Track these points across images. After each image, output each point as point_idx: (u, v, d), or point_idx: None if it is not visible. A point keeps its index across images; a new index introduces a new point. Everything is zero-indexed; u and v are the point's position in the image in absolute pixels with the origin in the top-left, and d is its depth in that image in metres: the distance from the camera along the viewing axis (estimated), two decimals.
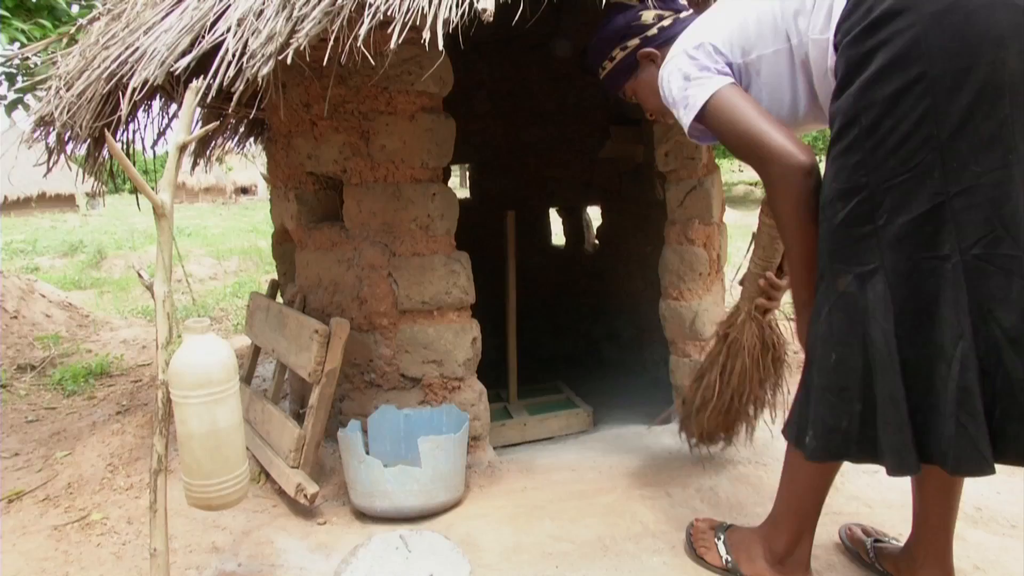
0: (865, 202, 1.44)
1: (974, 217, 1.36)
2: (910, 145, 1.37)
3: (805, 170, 1.54)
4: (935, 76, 1.34)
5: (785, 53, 1.64)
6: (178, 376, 1.69)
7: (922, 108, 1.35)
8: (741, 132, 1.63)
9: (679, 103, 1.75)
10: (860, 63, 1.41)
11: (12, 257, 12.14)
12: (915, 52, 1.35)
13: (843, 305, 1.49)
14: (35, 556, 2.23)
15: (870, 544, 2.01)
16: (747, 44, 1.70)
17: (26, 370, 4.55)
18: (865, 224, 1.44)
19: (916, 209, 1.38)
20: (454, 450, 2.40)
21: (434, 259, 2.73)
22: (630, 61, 2.07)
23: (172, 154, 1.78)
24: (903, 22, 1.36)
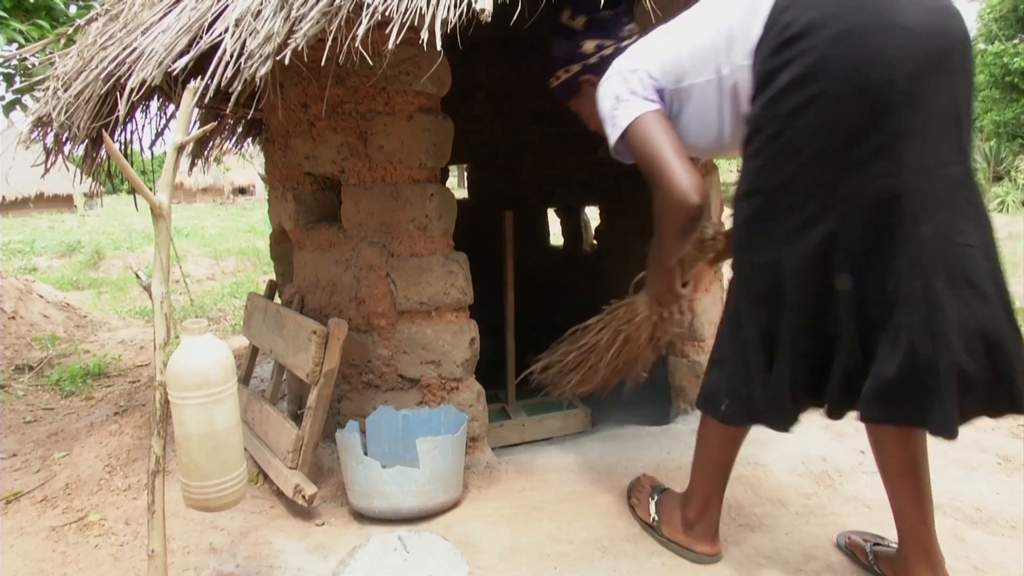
0: (765, 202, 1.63)
1: (857, 220, 1.54)
2: (807, 153, 1.55)
3: (692, 212, 1.72)
4: (832, 93, 1.50)
5: (714, 83, 1.76)
6: (176, 377, 1.69)
7: (819, 121, 1.52)
8: (651, 158, 1.79)
9: (607, 121, 1.91)
10: (768, 79, 1.58)
11: (10, 257, 12.13)
12: (816, 71, 1.51)
13: (747, 290, 1.72)
14: (33, 557, 2.22)
15: (869, 548, 2.03)
16: (680, 72, 1.81)
17: (24, 371, 4.54)
18: (765, 221, 1.64)
19: (808, 210, 1.57)
20: (452, 451, 2.40)
21: (432, 260, 2.73)
22: (572, 83, 2.26)
23: (170, 154, 1.77)
24: (806, 44, 1.52)
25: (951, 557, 2.06)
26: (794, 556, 2.10)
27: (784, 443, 2.84)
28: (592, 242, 5.47)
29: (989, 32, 18.00)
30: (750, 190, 1.67)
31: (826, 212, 1.55)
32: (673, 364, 3.16)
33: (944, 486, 2.51)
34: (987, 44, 17.91)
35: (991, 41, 17.73)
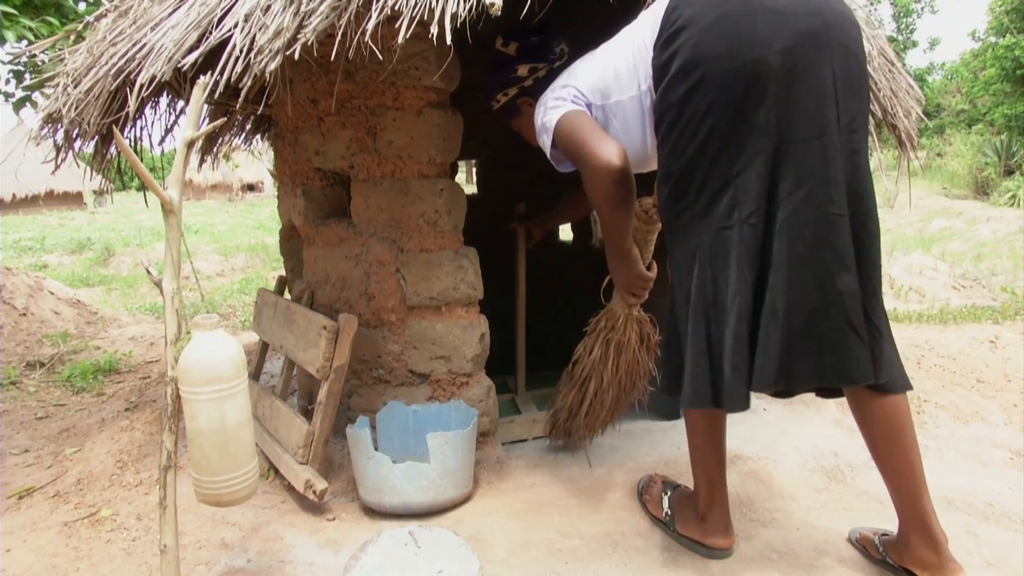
0: (677, 184, 1.77)
1: (750, 191, 1.67)
2: (700, 135, 1.69)
3: (616, 175, 1.83)
4: (713, 76, 1.65)
5: (636, 99, 1.91)
6: (187, 372, 1.69)
7: (705, 104, 1.66)
8: (573, 142, 1.93)
9: (541, 132, 2.07)
10: (662, 72, 1.75)
11: (20, 255, 12.19)
12: (696, 58, 1.66)
13: (675, 271, 1.85)
14: (46, 552, 2.23)
15: (878, 540, 2.03)
16: (606, 90, 1.97)
17: (35, 367, 4.56)
18: (680, 202, 1.78)
19: (711, 188, 1.71)
20: (463, 446, 2.40)
21: (442, 255, 2.72)
22: (511, 106, 2.41)
23: (180, 150, 1.77)
24: (686, 35, 1.68)
25: (963, 552, 2.05)
26: (805, 551, 2.10)
27: (795, 438, 2.84)
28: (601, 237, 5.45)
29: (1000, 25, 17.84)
30: (664, 175, 1.80)
31: (725, 187, 1.69)
32: None
33: (956, 481, 2.50)
34: (998, 37, 17.76)
35: (1002, 34, 17.57)
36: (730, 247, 1.70)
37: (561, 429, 2.79)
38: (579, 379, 2.64)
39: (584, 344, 2.61)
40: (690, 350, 1.77)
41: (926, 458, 2.69)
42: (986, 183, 16.66)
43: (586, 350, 2.60)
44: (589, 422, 2.70)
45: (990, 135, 18.37)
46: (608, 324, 2.52)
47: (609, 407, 2.65)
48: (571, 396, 2.68)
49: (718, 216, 1.71)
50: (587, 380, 2.62)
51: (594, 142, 1.87)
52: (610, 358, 2.53)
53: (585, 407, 2.65)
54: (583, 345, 2.61)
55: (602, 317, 2.55)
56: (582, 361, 2.63)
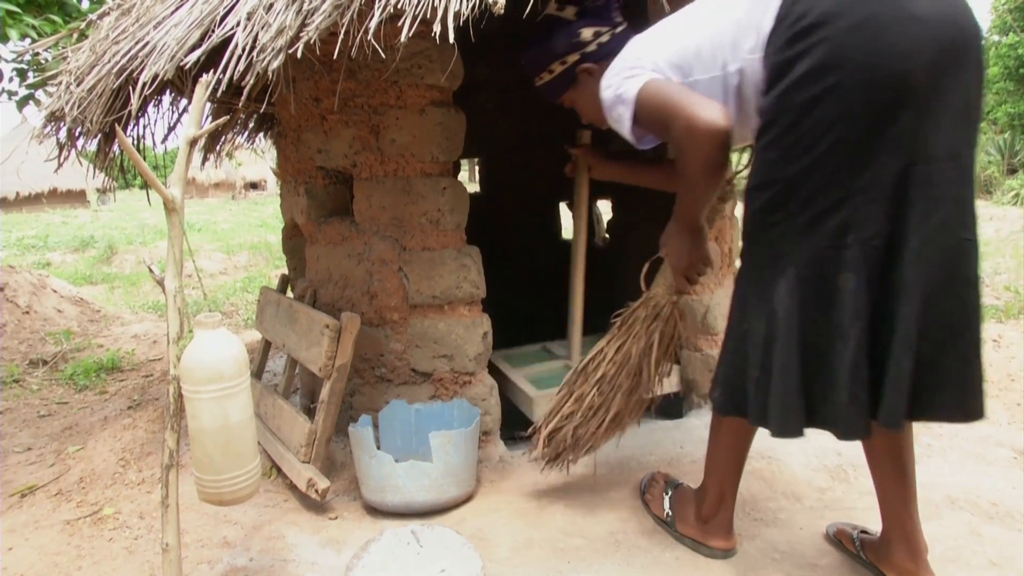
0: (779, 194, 1.61)
1: (874, 211, 1.54)
2: (822, 146, 1.53)
3: (721, 138, 1.64)
4: (848, 85, 1.49)
5: (719, 80, 1.74)
6: (189, 371, 1.69)
7: (835, 113, 1.51)
8: (664, 106, 1.72)
9: (616, 104, 1.85)
10: (782, 70, 1.56)
11: (24, 253, 12.20)
12: (831, 62, 1.50)
13: (755, 282, 1.70)
14: (48, 550, 2.24)
15: (856, 535, 2.06)
16: (686, 67, 1.79)
17: (38, 365, 4.57)
18: (778, 212, 1.62)
19: (823, 203, 1.56)
20: (465, 445, 2.40)
21: (444, 253, 2.72)
22: (569, 75, 2.19)
23: (182, 149, 1.77)
24: (821, 34, 1.50)
25: (967, 552, 2.05)
26: (808, 551, 2.09)
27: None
28: (605, 236, 5.45)
29: (1003, 23, 17.79)
30: (764, 182, 1.64)
31: (841, 203, 1.55)
32: (686, 358, 3.14)
33: (960, 480, 2.49)
34: (1001, 36, 17.72)
35: (1005, 32, 17.53)
36: (843, 268, 1.56)
37: (564, 444, 2.35)
38: (598, 377, 2.29)
39: (613, 335, 2.28)
40: (777, 371, 1.63)
41: (930, 457, 2.70)
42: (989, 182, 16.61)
43: (613, 342, 2.28)
44: (608, 429, 2.35)
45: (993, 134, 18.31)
46: (651, 312, 2.22)
47: (632, 409, 2.34)
48: (587, 398, 2.29)
49: (825, 233, 1.57)
50: (612, 378, 2.27)
51: (692, 102, 1.67)
52: (653, 350, 2.23)
53: (603, 411, 2.30)
54: (611, 338, 2.29)
55: (640, 305, 2.25)
56: (604, 356, 2.30)
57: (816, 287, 1.59)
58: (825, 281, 1.58)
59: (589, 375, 2.31)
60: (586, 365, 2.32)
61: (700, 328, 3.08)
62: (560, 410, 2.34)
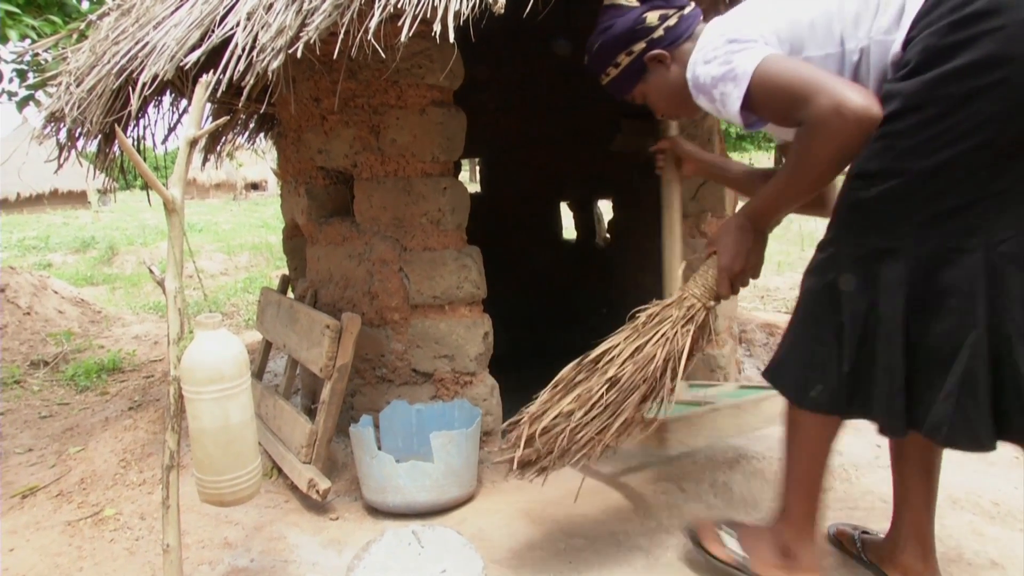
0: (904, 185, 1.46)
1: (1006, 217, 1.42)
2: (968, 142, 1.40)
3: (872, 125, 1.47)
4: (1014, 83, 1.35)
5: (836, 58, 1.60)
6: (190, 372, 1.69)
7: (992, 110, 1.37)
8: (799, 83, 1.53)
9: (720, 83, 1.65)
10: (940, 55, 1.40)
11: (25, 254, 12.20)
12: (1001, 56, 1.35)
13: (858, 274, 1.55)
14: (49, 551, 2.23)
15: (857, 535, 2.03)
16: (797, 42, 1.63)
17: (39, 366, 4.57)
18: (898, 204, 1.48)
19: (952, 202, 1.43)
20: (466, 445, 2.40)
21: (445, 254, 2.72)
22: (637, 66, 1.96)
23: (182, 149, 1.77)
24: (991, 24, 1.35)
25: (969, 552, 2.04)
26: None
27: None
28: (605, 236, 5.45)
29: None
30: (887, 170, 1.47)
31: (972, 204, 1.43)
32: None
33: (962, 481, 2.48)
34: None
35: None
36: (964, 272, 1.44)
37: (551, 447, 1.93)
38: (611, 376, 1.92)
39: (633, 333, 1.98)
40: (882, 369, 1.52)
41: None
42: None
43: (631, 340, 1.96)
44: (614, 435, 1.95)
45: None
46: (685, 314, 1.95)
47: (639, 419, 2.00)
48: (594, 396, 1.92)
49: (948, 233, 1.44)
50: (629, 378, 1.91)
51: (837, 82, 1.50)
52: (683, 357, 1.93)
53: (611, 415, 1.92)
54: (630, 335, 1.97)
55: (672, 304, 1.98)
56: (620, 353, 1.95)
57: (930, 288, 1.47)
58: (941, 283, 1.46)
59: (599, 371, 1.96)
60: (597, 359, 1.99)
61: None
62: (555, 405, 1.96)
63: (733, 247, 1.82)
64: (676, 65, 1.88)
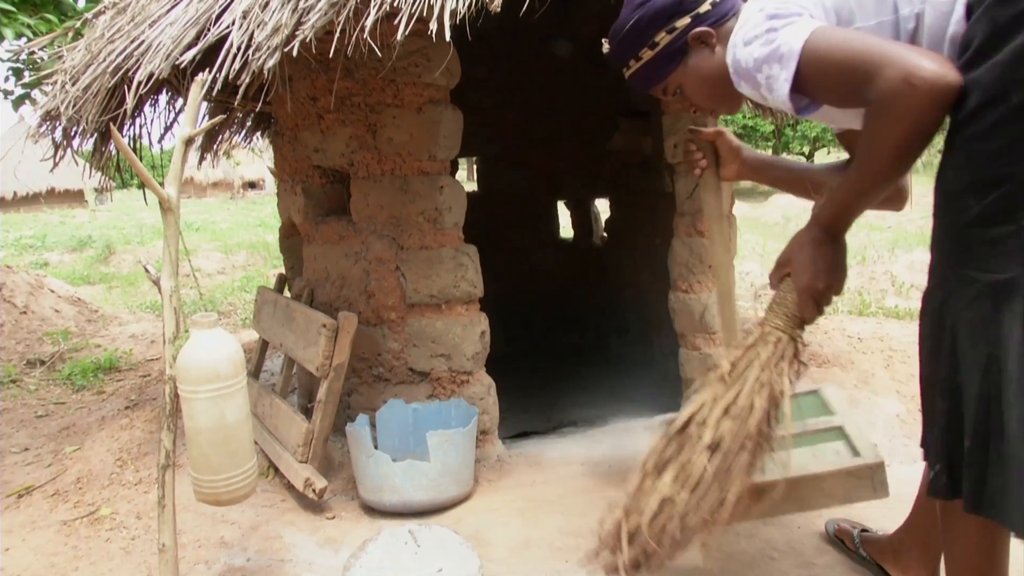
0: (1007, 197, 1.16)
1: None
2: None
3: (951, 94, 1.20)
4: None
5: (889, 26, 1.38)
6: (186, 371, 1.69)
7: None
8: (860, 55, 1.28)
9: (768, 61, 1.41)
10: (1012, 27, 1.14)
11: (21, 253, 12.19)
12: None
13: (969, 319, 1.24)
14: (45, 551, 2.23)
15: (856, 533, 2.03)
16: (845, 12, 1.43)
17: (35, 365, 4.56)
18: (1005, 223, 1.17)
19: None
20: (463, 444, 2.40)
21: (442, 252, 2.72)
22: (679, 45, 1.65)
23: (178, 147, 1.77)
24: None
25: None
26: (807, 550, 2.09)
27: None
28: (602, 235, 5.45)
29: None
30: (982, 181, 1.20)
31: None
32: (684, 356, 3.14)
33: None
34: None
35: None
36: None
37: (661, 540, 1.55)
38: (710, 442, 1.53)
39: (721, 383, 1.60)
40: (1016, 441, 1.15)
41: None
42: None
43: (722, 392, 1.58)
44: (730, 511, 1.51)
45: None
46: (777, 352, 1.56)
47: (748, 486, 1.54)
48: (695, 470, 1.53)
49: None
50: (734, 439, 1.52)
51: (904, 50, 1.24)
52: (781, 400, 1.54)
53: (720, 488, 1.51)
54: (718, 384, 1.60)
55: (757, 342, 1.59)
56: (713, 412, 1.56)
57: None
58: None
59: (692, 439, 1.57)
60: (685, 424, 1.60)
61: (698, 327, 3.07)
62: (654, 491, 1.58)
63: (812, 265, 1.50)
64: (721, 47, 1.59)
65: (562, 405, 3.83)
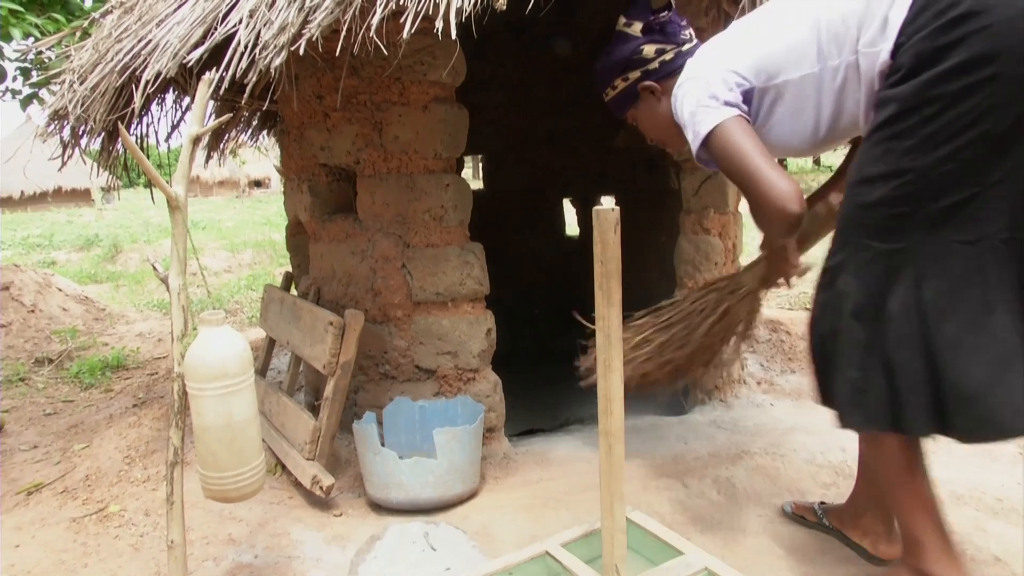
0: (907, 184, 1.52)
1: (1002, 206, 1.49)
2: (964, 137, 1.47)
3: (793, 220, 1.64)
4: (1007, 76, 1.43)
5: (813, 78, 1.71)
6: (193, 369, 1.69)
7: (987, 105, 1.44)
8: (740, 168, 1.72)
9: (687, 128, 1.84)
10: (932, 58, 1.48)
11: (29, 251, 12.23)
12: (989, 53, 1.43)
13: (863, 277, 1.60)
14: (54, 548, 2.24)
15: (817, 505, 2.15)
16: (774, 69, 1.75)
17: (44, 363, 4.58)
18: (903, 205, 1.54)
19: (955, 196, 1.49)
20: (469, 441, 2.40)
21: (448, 250, 2.72)
22: (631, 91, 2.11)
23: (185, 146, 1.77)
24: (978, 23, 1.43)
25: (972, 547, 2.05)
26: (811, 547, 2.09)
27: (803, 433, 2.83)
28: None
29: None
30: (891, 171, 1.55)
31: (975, 198, 1.50)
32: None
33: (965, 476, 2.48)
34: None
35: None
36: (978, 264, 1.51)
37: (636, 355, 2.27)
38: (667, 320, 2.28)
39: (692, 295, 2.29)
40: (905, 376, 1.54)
41: (935, 453, 2.69)
42: None
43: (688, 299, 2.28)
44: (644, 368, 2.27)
45: None
46: (728, 287, 2.20)
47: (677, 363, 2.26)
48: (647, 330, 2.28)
49: (955, 227, 1.51)
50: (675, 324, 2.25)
51: (768, 177, 1.66)
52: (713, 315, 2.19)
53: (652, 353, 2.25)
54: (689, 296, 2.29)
55: (725, 279, 2.23)
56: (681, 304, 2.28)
57: (943, 283, 1.52)
58: (952, 277, 1.52)
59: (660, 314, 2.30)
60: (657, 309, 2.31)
61: None
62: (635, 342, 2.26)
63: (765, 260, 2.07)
64: (666, 97, 1.98)
65: (568, 403, 3.83)
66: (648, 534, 1.90)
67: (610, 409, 1.47)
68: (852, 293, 1.61)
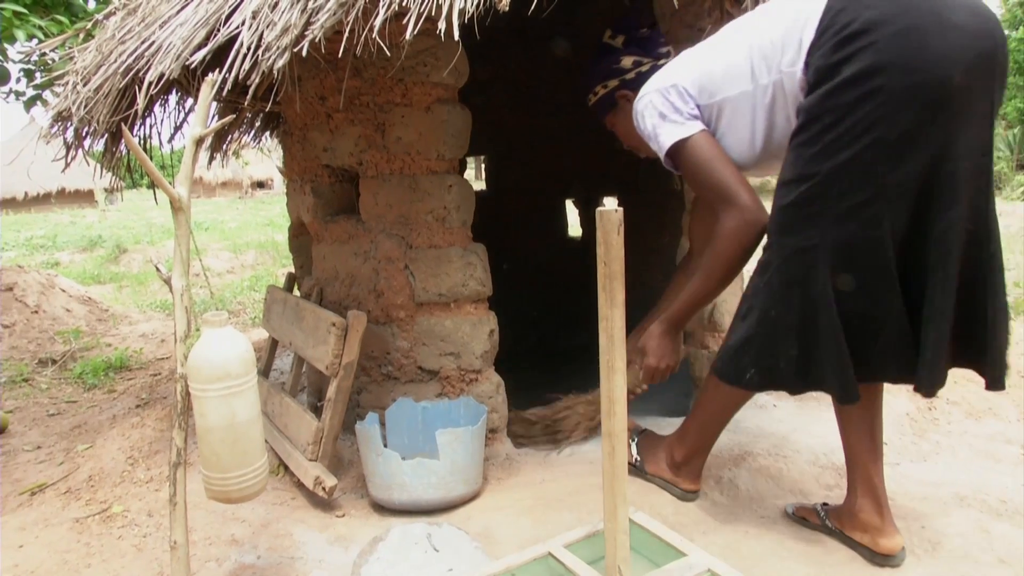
0: (816, 186, 1.72)
1: (900, 203, 1.69)
2: (861, 143, 1.65)
3: (760, 228, 1.87)
4: (893, 88, 1.61)
5: (748, 96, 1.89)
6: (196, 370, 1.70)
7: (878, 113, 1.63)
8: (710, 182, 1.94)
9: (652, 138, 2.04)
10: (828, 73, 1.68)
11: (32, 252, 12.26)
12: (878, 66, 1.62)
13: (784, 270, 1.80)
14: (57, 548, 2.24)
15: (820, 507, 2.19)
16: (712, 88, 1.94)
17: (47, 364, 4.59)
18: (813, 205, 1.73)
19: (858, 196, 1.69)
20: (472, 442, 2.40)
21: (451, 251, 2.72)
22: (610, 99, 2.33)
23: (188, 147, 1.77)
24: (867, 40, 1.63)
25: (976, 549, 2.04)
26: (815, 549, 2.09)
27: (806, 435, 2.82)
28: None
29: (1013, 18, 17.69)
30: (801, 175, 1.74)
31: (875, 198, 1.67)
32: (693, 355, 3.14)
33: (969, 478, 2.48)
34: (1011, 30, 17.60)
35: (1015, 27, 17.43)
36: (879, 253, 1.70)
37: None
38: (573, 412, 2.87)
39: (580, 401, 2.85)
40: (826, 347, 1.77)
41: (938, 455, 2.69)
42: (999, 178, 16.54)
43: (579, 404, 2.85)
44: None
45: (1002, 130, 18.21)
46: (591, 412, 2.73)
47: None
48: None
49: (861, 223, 1.70)
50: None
51: (740, 189, 1.90)
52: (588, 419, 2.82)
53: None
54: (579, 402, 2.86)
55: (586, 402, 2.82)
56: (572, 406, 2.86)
57: (853, 270, 1.72)
58: (861, 265, 1.72)
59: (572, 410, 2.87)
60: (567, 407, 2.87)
61: (706, 326, 3.07)
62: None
63: (659, 350, 2.24)
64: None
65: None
66: (651, 535, 1.91)
67: (613, 411, 1.46)
68: (780, 283, 1.81)
